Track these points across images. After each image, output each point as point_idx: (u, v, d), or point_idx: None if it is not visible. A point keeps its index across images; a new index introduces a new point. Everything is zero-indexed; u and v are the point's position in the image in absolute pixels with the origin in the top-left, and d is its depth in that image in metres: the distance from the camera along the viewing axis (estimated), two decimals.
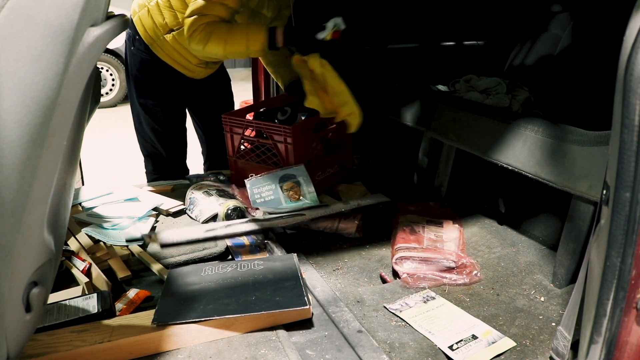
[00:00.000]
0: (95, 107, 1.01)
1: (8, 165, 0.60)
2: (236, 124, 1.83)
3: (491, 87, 1.98)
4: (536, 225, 1.59)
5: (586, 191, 1.19)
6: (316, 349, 1.06)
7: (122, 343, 1.01)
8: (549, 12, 2.25)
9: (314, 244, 1.54)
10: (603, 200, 0.66)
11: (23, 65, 0.60)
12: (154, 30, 1.80)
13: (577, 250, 1.26)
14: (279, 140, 1.71)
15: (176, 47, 1.82)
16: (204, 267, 1.28)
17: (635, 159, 0.57)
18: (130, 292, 1.24)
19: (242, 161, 1.87)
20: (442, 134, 1.73)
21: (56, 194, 0.72)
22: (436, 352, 1.05)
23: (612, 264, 0.61)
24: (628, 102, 0.56)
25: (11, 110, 0.59)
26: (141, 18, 1.82)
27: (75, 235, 1.50)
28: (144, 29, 1.82)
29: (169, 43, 1.80)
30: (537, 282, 1.33)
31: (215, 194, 1.69)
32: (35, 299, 0.69)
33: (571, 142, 1.25)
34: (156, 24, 1.79)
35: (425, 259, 1.35)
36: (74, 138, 0.75)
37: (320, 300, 1.23)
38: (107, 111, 5.61)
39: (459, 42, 2.75)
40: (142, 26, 1.82)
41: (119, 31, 0.72)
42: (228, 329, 1.09)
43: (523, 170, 1.38)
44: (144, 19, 1.81)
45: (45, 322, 1.06)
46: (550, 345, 1.07)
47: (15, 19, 0.59)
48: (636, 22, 0.56)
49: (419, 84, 2.16)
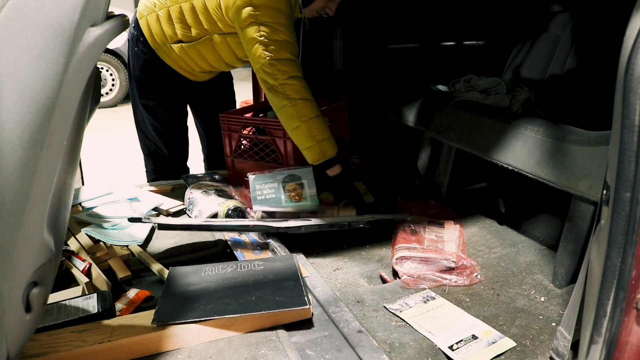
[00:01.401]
0: (95, 107, 1.01)
1: (8, 165, 0.60)
2: (234, 122, 1.83)
3: (491, 87, 1.98)
4: (536, 225, 1.59)
5: (586, 191, 1.19)
6: (316, 349, 1.06)
7: (122, 343, 1.01)
8: (549, 12, 2.25)
9: (314, 244, 1.54)
10: (603, 200, 0.66)
11: (23, 65, 0.60)
12: (162, 37, 1.78)
13: (577, 250, 1.26)
14: (277, 136, 1.71)
15: (183, 57, 1.80)
16: (204, 267, 1.28)
17: (635, 159, 0.57)
18: (130, 292, 1.24)
19: (240, 160, 1.87)
20: (442, 134, 1.73)
21: (56, 194, 0.72)
22: (436, 352, 1.05)
23: (612, 264, 0.61)
24: (628, 102, 0.56)
25: (11, 110, 0.59)
26: (149, 22, 1.79)
27: (75, 235, 1.50)
28: (150, 34, 1.80)
29: (175, 52, 1.79)
30: (537, 282, 1.33)
31: (215, 193, 1.69)
32: (35, 299, 0.69)
33: (571, 142, 1.25)
34: (164, 32, 1.76)
35: (425, 259, 1.35)
36: (74, 138, 0.75)
37: (320, 300, 1.23)
38: (107, 111, 5.61)
39: (459, 42, 2.75)
40: (149, 30, 1.79)
41: (119, 31, 0.72)
42: (228, 329, 1.09)
43: (523, 170, 1.38)
44: (152, 24, 1.78)
45: (45, 322, 1.06)
46: (550, 345, 1.07)
47: (15, 19, 0.59)
48: (636, 22, 0.56)
49: (419, 84, 2.16)
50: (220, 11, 1.64)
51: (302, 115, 1.54)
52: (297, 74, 1.55)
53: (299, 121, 1.54)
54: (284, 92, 1.53)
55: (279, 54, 1.53)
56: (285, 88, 1.53)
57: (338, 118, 1.93)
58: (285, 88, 1.53)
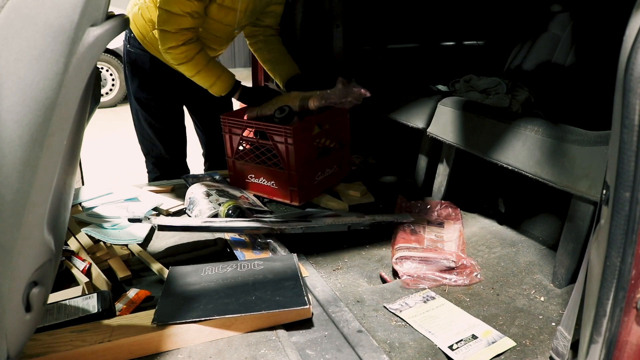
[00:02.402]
0: (95, 107, 1.01)
1: (8, 165, 0.60)
2: (235, 124, 1.83)
3: (491, 87, 1.98)
4: (536, 225, 1.59)
5: (586, 191, 1.19)
6: (316, 349, 1.06)
7: (122, 343, 1.01)
8: (549, 12, 2.25)
9: (314, 244, 1.54)
10: (603, 200, 0.66)
11: (23, 65, 0.60)
12: (145, 26, 1.85)
13: (577, 250, 1.26)
14: (279, 141, 1.71)
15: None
16: (204, 267, 1.28)
17: (635, 159, 0.57)
18: (130, 292, 1.24)
19: (241, 162, 1.87)
20: (442, 134, 1.73)
21: (56, 194, 0.72)
22: (436, 352, 1.05)
23: (612, 263, 0.61)
24: (628, 102, 0.56)
25: (11, 110, 0.59)
26: (134, 16, 1.87)
27: (75, 235, 1.50)
28: (136, 26, 1.87)
29: (156, 39, 1.82)
30: (537, 282, 1.33)
31: (215, 193, 1.69)
32: (35, 299, 0.69)
33: (571, 142, 1.25)
34: (145, 20, 1.83)
35: (425, 259, 1.35)
36: (74, 138, 0.75)
37: (320, 300, 1.23)
38: (107, 111, 5.61)
39: (459, 42, 2.75)
40: (134, 23, 1.87)
41: (119, 31, 0.72)
42: (228, 329, 1.09)
43: (523, 170, 1.38)
44: (136, 17, 1.86)
45: (45, 322, 1.06)
46: (550, 345, 1.07)
47: (15, 19, 0.59)
48: (636, 22, 0.56)
49: (419, 84, 2.16)
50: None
51: (189, 72, 1.74)
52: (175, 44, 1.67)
53: (191, 74, 1.75)
54: (169, 58, 1.72)
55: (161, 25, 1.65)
56: (167, 56, 1.71)
57: (338, 118, 1.93)
58: (166, 56, 1.71)
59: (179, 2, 1.59)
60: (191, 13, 1.62)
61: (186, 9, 1.61)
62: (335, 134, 1.92)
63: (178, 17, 1.61)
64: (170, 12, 1.61)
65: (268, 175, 1.81)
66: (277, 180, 1.79)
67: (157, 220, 1.41)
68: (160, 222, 1.41)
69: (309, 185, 1.80)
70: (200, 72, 1.74)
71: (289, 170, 1.73)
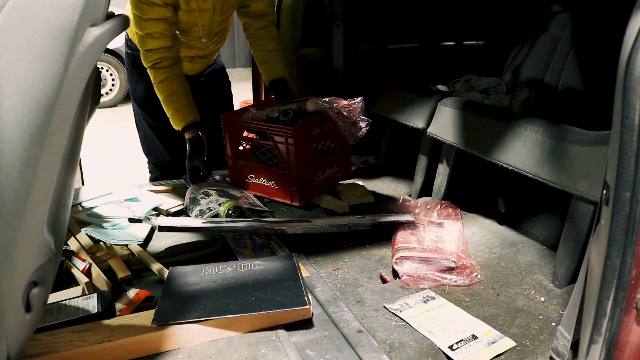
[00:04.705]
0: (95, 107, 1.02)
1: (8, 165, 0.60)
2: (235, 125, 1.83)
3: (491, 87, 1.98)
4: (536, 225, 1.59)
5: (586, 191, 1.19)
6: (316, 349, 1.06)
7: (122, 343, 1.01)
8: (549, 12, 2.25)
9: (314, 244, 1.54)
10: (603, 200, 0.66)
11: (23, 65, 0.60)
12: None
13: (577, 250, 1.26)
14: (280, 141, 1.71)
15: None
16: (204, 267, 1.28)
17: (635, 159, 0.57)
18: (130, 292, 1.24)
19: (241, 162, 1.87)
20: (442, 134, 1.73)
21: (56, 194, 0.72)
22: (436, 352, 1.05)
23: (612, 264, 0.61)
24: (628, 102, 0.56)
25: (11, 110, 0.59)
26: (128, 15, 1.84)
27: (75, 235, 1.50)
28: (130, 29, 1.86)
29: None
30: (537, 282, 1.33)
31: (215, 193, 1.69)
32: (35, 299, 0.69)
33: (571, 142, 1.25)
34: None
35: (425, 259, 1.35)
36: (74, 138, 0.75)
37: (320, 300, 1.23)
38: (107, 111, 5.60)
39: (459, 42, 2.75)
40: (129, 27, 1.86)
41: (119, 31, 0.72)
42: (228, 329, 1.09)
43: (523, 170, 1.38)
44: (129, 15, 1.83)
45: (45, 322, 1.06)
46: (550, 345, 1.07)
47: (15, 19, 0.59)
48: (636, 22, 0.56)
49: (418, 84, 2.16)
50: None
51: (159, 93, 1.77)
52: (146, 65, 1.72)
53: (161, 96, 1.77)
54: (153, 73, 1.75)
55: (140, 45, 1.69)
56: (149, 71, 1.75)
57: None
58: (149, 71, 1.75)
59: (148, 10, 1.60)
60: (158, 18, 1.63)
61: (154, 15, 1.62)
62: (335, 135, 1.92)
63: (149, 23, 1.63)
64: (139, 17, 1.62)
65: (268, 176, 1.81)
66: (278, 181, 1.79)
67: (157, 221, 1.41)
68: (160, 222, 1.41)
69: (309, 185, 1.80)
70: (164, 100, 1.77)
71: (290, 171, 1.73)
